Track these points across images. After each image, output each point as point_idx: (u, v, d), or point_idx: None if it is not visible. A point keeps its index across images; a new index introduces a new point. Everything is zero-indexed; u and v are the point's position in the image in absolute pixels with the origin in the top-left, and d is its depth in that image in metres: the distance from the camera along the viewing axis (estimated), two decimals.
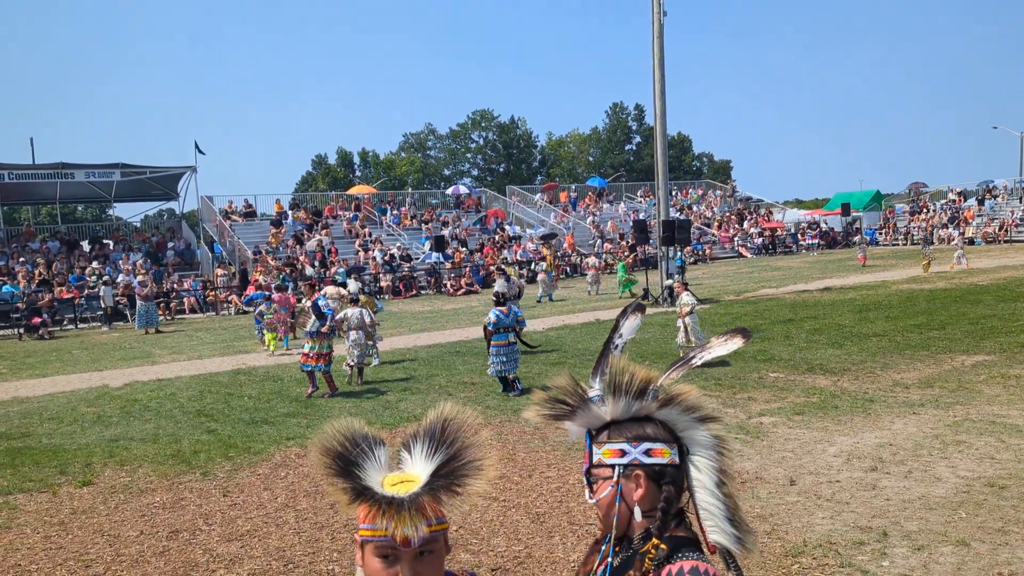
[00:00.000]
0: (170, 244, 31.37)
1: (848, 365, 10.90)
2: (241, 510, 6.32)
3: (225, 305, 26.54)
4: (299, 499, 6.51)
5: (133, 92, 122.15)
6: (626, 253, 33.00)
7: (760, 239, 41.29)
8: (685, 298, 11.78)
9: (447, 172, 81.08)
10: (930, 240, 29.41)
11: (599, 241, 36.70)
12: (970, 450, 6.82)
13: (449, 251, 32.27)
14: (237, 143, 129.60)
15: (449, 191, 44.24)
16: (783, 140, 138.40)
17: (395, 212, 37.54)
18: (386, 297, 27.92)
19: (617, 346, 1.86)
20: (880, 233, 44.09)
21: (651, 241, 28.09)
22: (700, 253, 36.85)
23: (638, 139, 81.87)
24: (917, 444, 7.08)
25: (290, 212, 35.17)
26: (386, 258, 30.82)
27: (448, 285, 29.44)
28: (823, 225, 45.13)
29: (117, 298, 24.31)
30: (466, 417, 1.51)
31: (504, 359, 10.38)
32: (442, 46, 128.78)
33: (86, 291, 25.22)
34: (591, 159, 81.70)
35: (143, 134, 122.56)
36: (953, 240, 28.68)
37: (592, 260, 27.96)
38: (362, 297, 13.56)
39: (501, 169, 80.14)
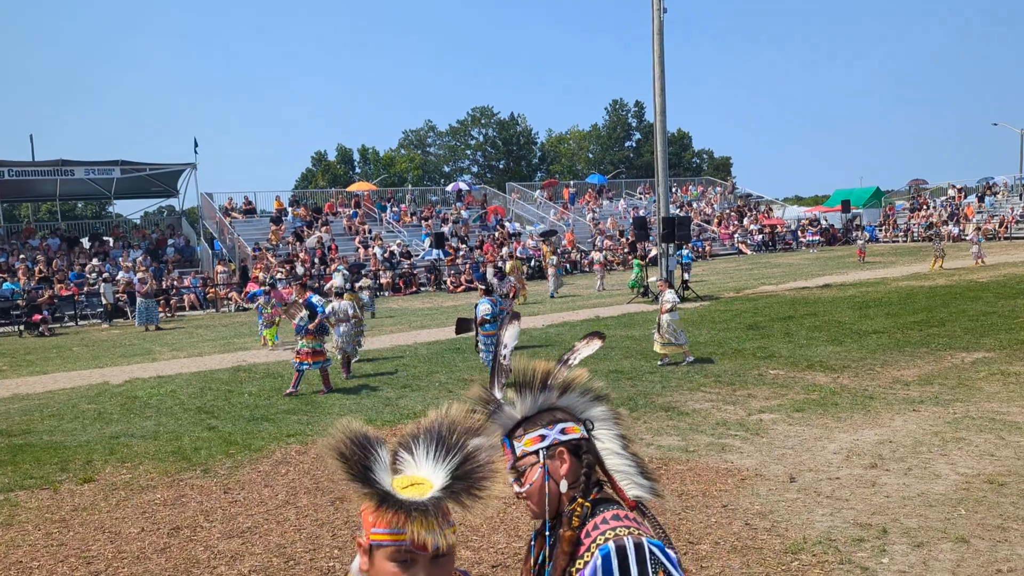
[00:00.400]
0: (170, 241, 31.36)
1: (848, 362, 10.90)
2: (242, 507, 6.33)
3: (225, 302, 26.55)
4: (299, 496, 6.52)
5: (133, 89, 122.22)
6: (634, 251, 33.10)
7: (760, 236, 41.29)
8: (667, 295, 11.82)
9: (447, 169, 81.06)
10: (941, 236, 29.24)
11: (600, 238, 36.72)
12: (970, 447, 6.83)
13: (447, 248, 32.29)
14: (237, 140, 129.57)
15: (449, 188, 44.24)
16: (783, 137, 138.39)
17: (395, 209, 37.54)
18: (386, 294, 27.95)
19: (505, 356, 1.99)
20: (880, 230, 44.08)
21: (651, 238, 28.11)
22: (700, 250, 36.85)
23: (638, 136, 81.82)
24: (917, 441, 7.09)
25: (290, 209, 35.16)
26: (386, 255, 30.82)
27: (448, 282, 29.45)
28: (823, 222, 45.14)
29: (117, 295, 24.33)
30: (473, 418, 1.51)
31: (489, 350, 10.54)
32: (442, 43, 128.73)
33: (86, 288, 25.24)
34: (591, 156, 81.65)
35: (143, 131, 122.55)
36: (968, 236, 28.63)
37: (597, 256, 28.35)
38: (346, 295, 13.79)
39: (501, 166, 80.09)
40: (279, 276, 20.29)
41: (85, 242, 31.14)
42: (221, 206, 34.08)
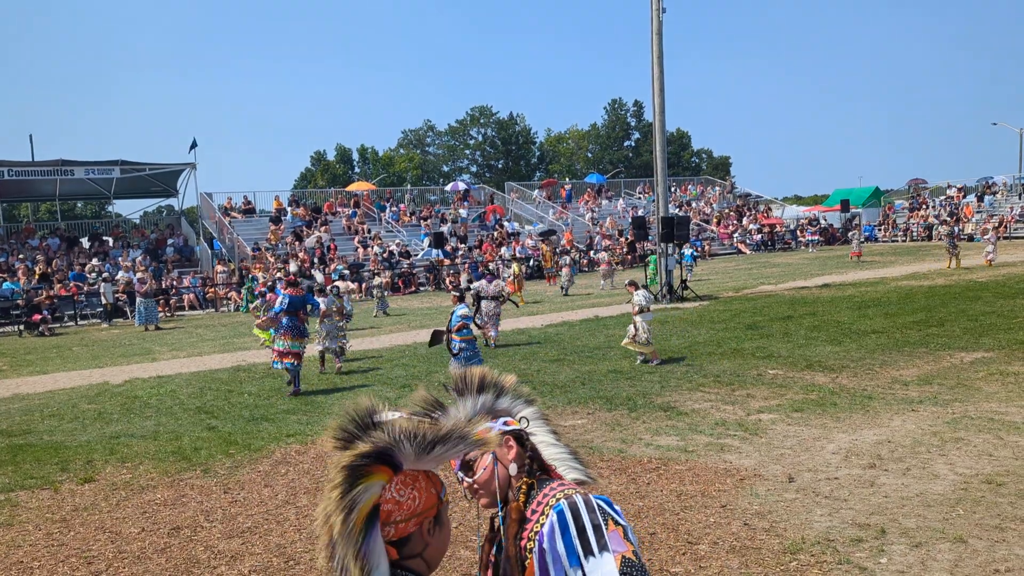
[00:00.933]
0: (169, 241, 31.37)
1: (847, 362, 10.92)
2: (242, 507, 6.34)
3: (225, 302, 26.55)
4: (299, 496, 6.53)
5: (132, 89, 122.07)
6: (633, 251, 33.17)
7: (759, 235, 41.29)
8: (636, 297, 11.83)
9: (446, 168, 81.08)
10: (957, 236, 29.05)
11: (598, 238, 36.71)
12: (968, 447, 6.85)
13: (447, 248, 32.30)
14: (236, 140, 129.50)
15: (448, 187, 44.26)
16: (782, 136, 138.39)
17: (394, 209, 37.54)
18: (388, 294, 27.93)
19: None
20: (879, 230, 44.09)
21: (650, 238, 28.14)
22: (699, 249, 36.85)
23: (637, 135, 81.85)
24: (915, 441, 7.10)
25: (289, 209, 35.15)
26: (385, 255, 30.82)
27: (447, 281, 29.45)
28: (822, 221, 45.15)
29: (117, 295, 24.33)
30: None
31: (474, 352, 10.68)
32: (441, 42, 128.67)
33: (86, 288, 25.24)
34: (590, 155, 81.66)
35: (143, 131, 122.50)
36: (987, 235, 28.53)
37: (603, 255, 28.45)
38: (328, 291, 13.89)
39: (500, 165, 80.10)
40: (278, 276, 20.37)
41: (85, 242, 31.15)
42: (220, 206, 34.06)
